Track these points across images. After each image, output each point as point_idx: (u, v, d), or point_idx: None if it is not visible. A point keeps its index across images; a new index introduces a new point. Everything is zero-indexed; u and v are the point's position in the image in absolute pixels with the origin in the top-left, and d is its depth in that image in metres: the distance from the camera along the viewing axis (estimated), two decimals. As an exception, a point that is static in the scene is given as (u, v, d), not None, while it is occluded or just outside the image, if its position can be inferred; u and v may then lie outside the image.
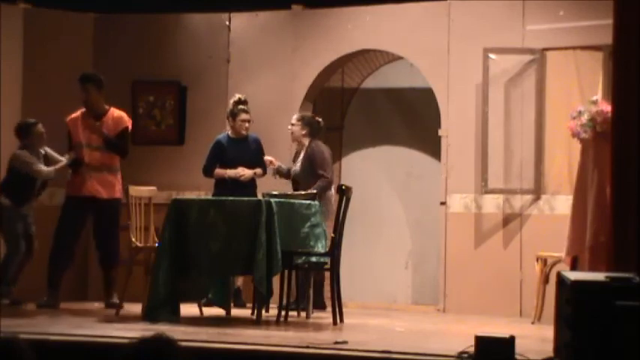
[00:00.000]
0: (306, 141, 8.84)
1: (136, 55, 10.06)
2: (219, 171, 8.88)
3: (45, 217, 9.09)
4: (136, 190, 8.28)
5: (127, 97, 9.96)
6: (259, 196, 8.76)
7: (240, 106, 8.84)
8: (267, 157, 8.88)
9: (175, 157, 9.76)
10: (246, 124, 8.86)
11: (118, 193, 8.70)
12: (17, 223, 8.72)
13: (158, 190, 8.62)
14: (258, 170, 8.89)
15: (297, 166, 8.86)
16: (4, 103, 9.39)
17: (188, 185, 9.65)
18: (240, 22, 9.94)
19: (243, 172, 8.80)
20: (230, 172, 8.82)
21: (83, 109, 8.79)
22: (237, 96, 8.93)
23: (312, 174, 8.72)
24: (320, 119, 9.02)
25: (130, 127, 8.87)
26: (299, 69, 9.72)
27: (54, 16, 9.88)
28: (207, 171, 8.93)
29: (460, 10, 9.17)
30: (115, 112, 8.82)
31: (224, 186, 8.81)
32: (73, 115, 8.79)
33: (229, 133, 8.95)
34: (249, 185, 8.85)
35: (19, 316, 7.70)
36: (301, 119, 8.89)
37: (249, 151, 8.86)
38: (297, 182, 8.86)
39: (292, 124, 8.87)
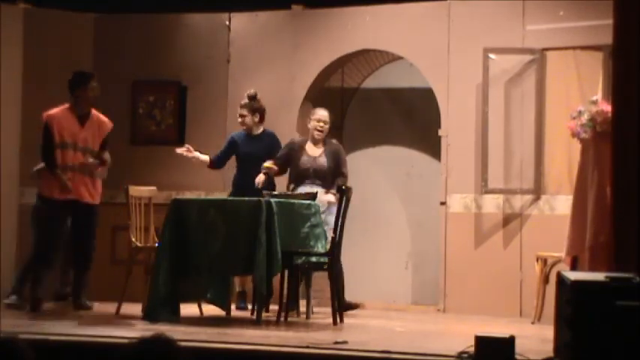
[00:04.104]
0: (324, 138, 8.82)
1: (136, 55, 10.06)
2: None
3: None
4: (136, 190, 8.27)
5: (127, 97, 9.98)
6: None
7: (241, 102, 8.82)
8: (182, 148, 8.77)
9: (175, 157, 9.73)
10: (239, 119, 8.82)
11: (98, 199, 8.50)
12: None
13: (158, 190, 8.61)
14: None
15: (320, 161, 8.74)
16: (4, 103, 9.40)
17: (188, 185, 9.65)
18: (240, 22, 9.94)
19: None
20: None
21: (65, 106, 8.41)
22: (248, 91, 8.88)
23: (336, 171, 8.67)
24: None
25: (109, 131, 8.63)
26: (299, 69, 9.73)
27: (54, 16, 9.89)
28: (213, 162, 8.91)
29: (460, 10, 9.17)
30: (98, 114, 8.52)
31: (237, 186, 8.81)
32: (53, 112, 8.38)
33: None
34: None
35: (19, 316, 7.71)
36: (329, 119, 8.84)
37: (261, 147, 8.75)
38: (320, 177, 8.68)
39: (326, 122, 8.78)
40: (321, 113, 8.74)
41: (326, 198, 8.47)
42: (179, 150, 8.74)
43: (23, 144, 9.59)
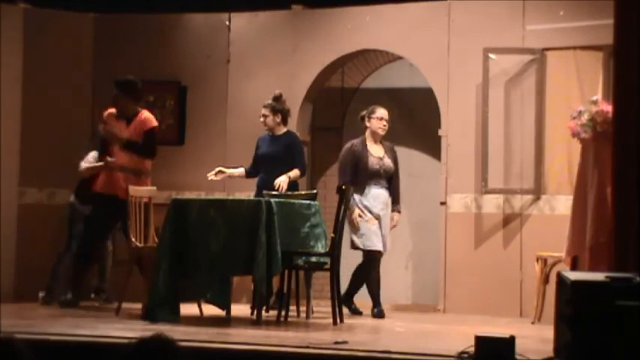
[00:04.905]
0: None
1: (136, 55, 10.06)
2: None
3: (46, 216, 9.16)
4: (135, 190, 8.27)
5: (127, 97, 9.95)
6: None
7: (265, 102, 8.80)
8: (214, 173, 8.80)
9: (175, 157, 9.76)
10: (261, 119, 8.80)
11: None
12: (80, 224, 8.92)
13: (158, 190, 8.60)
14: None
15: (387, 161, 8.70)
16: (4, 103, 9.40)
17: (188, 185, 9.65)
18: (240, 22, 9.94)
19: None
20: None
21: None
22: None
23: (395, 172, 8.75)
24: None
25: (155, 127, 8.60)
26: (299, 69, 9.72)
27: (54, 16, 9.88)
28: (248, 172, 8.92)
29: (460, 10, 9.17)
30: (143, 115, 8.60)
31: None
32: (110, 111, 8.61)
33: None
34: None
35: (19, 316, 7.71)
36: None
37: (279, 147, 8.73)
38: (387, 177, 8.67)
39: (387, 121, 8.76)
40: (383, 112, 8.77)
41: (388, 200, 8.65)
42: (210, 176, 8.72)
43: (23, 144, 9.59)
